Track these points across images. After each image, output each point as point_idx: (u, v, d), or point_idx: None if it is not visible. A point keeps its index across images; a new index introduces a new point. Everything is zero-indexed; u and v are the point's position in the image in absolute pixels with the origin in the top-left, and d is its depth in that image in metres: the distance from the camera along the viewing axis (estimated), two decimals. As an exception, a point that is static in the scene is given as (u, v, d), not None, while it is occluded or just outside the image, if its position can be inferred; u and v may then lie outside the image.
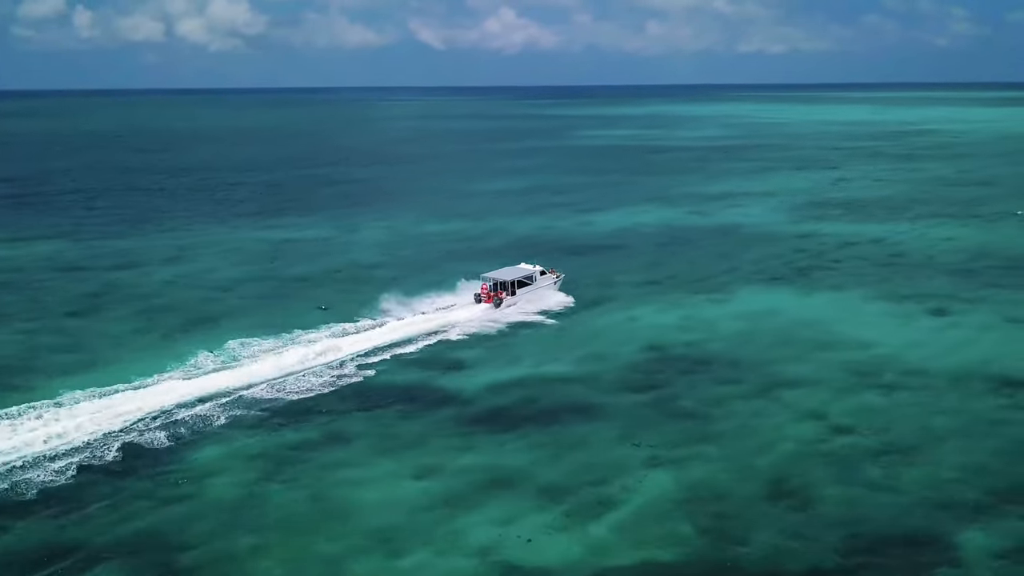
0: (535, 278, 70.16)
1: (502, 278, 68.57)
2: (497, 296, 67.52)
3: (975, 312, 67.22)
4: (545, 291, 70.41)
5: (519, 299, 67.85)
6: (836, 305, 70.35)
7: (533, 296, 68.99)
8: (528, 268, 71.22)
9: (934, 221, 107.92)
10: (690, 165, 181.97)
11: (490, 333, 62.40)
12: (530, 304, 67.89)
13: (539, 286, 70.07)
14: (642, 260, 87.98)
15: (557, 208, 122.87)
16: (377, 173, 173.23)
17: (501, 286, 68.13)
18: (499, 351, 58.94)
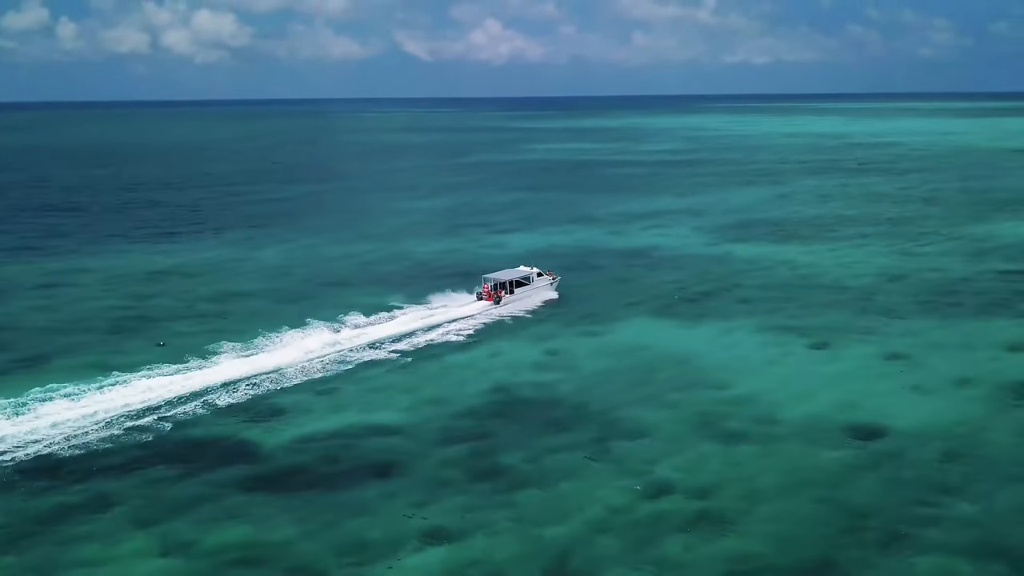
0: (532, 279, 76.87)
1: (502, 278, 75.32)
2: (497, 294, 73.86)
3: (857, 347, 63.07)
4: (541, 291, 77.27)
5: (516, 297, 74.42)
6: (715, 338, 66.13)
7: (529, 294, 75.48)
8: (526, 270, 78.16)
9: (856, 242, 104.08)
10: (634, 181, 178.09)
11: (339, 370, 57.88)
12: (526, 302, 74.51)
13: (536, 286, 76.73)
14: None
15: (474, 228, 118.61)
16: (308, 190, 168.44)
17: (501, 286, 74.61)
18: (330, 395, 54.45)
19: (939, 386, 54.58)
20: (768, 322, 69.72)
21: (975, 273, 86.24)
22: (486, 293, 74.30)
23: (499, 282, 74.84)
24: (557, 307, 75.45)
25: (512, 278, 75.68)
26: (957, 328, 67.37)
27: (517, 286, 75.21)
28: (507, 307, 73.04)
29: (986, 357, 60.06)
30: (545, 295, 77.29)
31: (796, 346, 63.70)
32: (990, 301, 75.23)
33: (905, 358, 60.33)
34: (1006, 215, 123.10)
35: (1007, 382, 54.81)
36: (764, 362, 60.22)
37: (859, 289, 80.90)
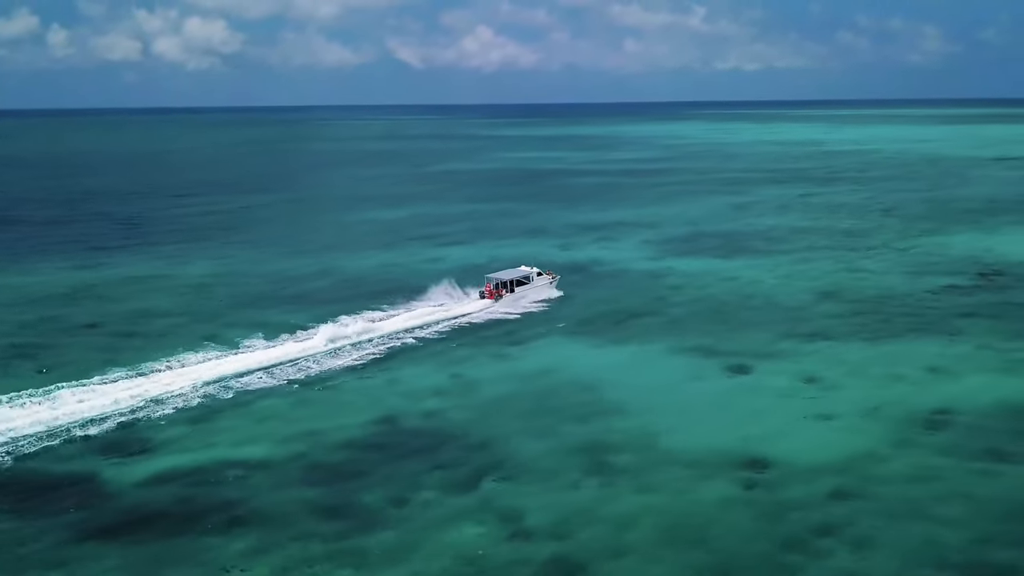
0: (532, 278, 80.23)
1: (503, 278, 78.81)
2: (498, 293, 77.55)
3: (774, 371, 60.45)
4: (541, 289, 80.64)
5: (517, 296, 78.01)
6: (630, 361, 63.55)
7: (530, 293, 79.13)
8: (527, 270, 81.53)
9: (802, 256, 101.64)
10: (598, 192, 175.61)
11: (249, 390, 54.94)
12: (526, 300, 78.17)
13: (535, 285, 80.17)
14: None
15: (417, 242, 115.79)
16: (259, 201, 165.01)
17: (502, 284, 78.11)
18: (207, 426, 51.56)
19: (846, 415, 51.98)
20: (689, 343, 67.07)
21: (916, 289, 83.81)
22: (488, 292, 78.16)
23: (500, 281, 78.51)
24: (474, 327, 72.58)
25: (513, 277, 79.42)
26: (882, 350, 64.82)
27: (517, 285, 79.02)
28: (508, 305, 76.65)
29: (903, 383, 57.51)
30: (545, 294, 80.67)
31: (710, 370, 61.06)
32: (924, 320, 72.74)
33: (820, 383, 57.78)
34: (962, 226, 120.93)
35: (917, 411, 52.22)
36: (671, 388, 57.62)
37: (792, 307, 78.38)
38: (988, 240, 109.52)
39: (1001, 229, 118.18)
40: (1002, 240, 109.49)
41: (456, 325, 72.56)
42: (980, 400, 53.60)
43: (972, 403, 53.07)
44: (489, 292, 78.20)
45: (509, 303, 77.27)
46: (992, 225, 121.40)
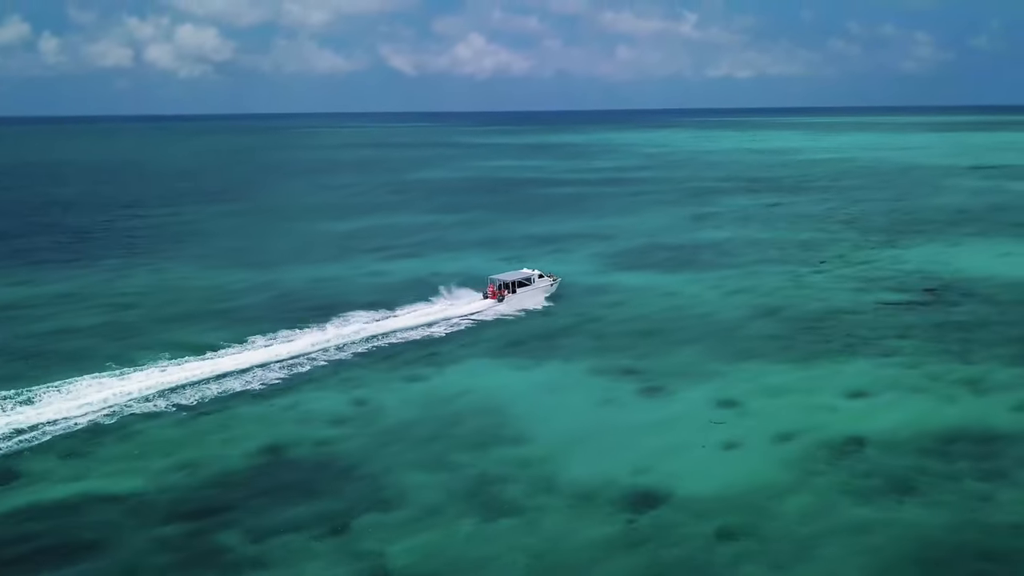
0: (533, 280, 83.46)
1: (506, 279, 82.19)
2: (501, 293, 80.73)
3: (691, 393, 58.23)
4: (541, 291, 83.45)
5: (518, 297, 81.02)
6: (545, 383, 61.25)
7: (530, 294, 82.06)
8: (528, 272, 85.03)
9: (751, 269, 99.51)
10: (565, 201, 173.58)
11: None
12: (527, 300, 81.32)
13: (536, 287, 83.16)
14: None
15: (367, 254, 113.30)
16: (217, 211, 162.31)
17: (505, 285, 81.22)
18: (82, 456, 48.97)
19: (753, 445, 49.67)
20: (613, 364, 64.74)
21: (859, 305, 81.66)
22: (491, 292, 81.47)
23: (503, 283, 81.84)
24: (396, 345, 70.11)
25: (515, 279, 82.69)
26: (810, 372, 62.59)
27: (519, 286, 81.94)
28: (509, 305, 79.91)
29: (822, 409, 55.21)
30: (545, 295, 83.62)
31: (626, 394, 58.74)
32: (860, 339, 70.53)
33: (736, 408, 55.49)
34: (921, 238, 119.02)
35: (829, 441, 49.93)
36: (581, 414, 55.23)
37: (729, 325, 76.15)
38: (944, 253, 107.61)
39: (960, 241, 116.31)
40: (958, 253, 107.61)
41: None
42: (897, 428, 51.38)
43: (888, 431, 50.85)
44: (492, 293, 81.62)
45: (511, 303, 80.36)
46: (952, 237, 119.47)
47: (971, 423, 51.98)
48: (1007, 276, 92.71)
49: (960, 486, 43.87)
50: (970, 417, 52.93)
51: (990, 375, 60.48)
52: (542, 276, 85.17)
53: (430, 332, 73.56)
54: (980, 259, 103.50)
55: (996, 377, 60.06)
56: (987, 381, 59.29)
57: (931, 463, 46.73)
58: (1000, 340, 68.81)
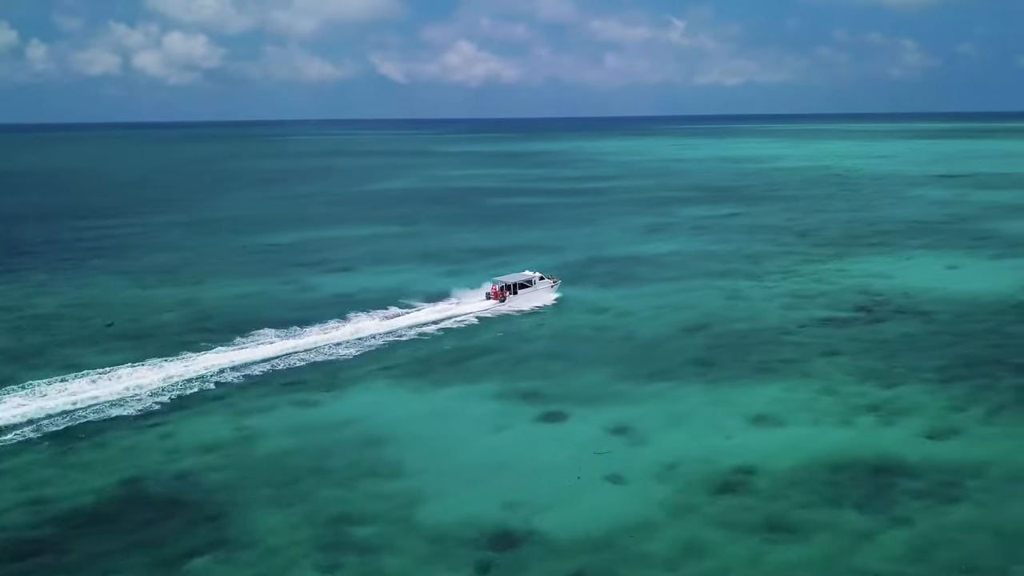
0: (534, 282, 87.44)
1: (508, 281, 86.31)
2: (503, 294, 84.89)
3: (590, 419, 55.73)
4: (542, 292, 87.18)
5: (519, 297, 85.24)
6: (438, 411, 58.56)
7: (531, 295, 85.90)
8: (530, 274, 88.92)
9: (691, 283, 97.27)
10: (521, 212, 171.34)
11: None
12: (527, 301, 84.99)
13: (537, 288, 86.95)
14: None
15: (300, 268, 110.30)
16: (158, 223, 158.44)
17: (507, 287, 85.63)
18: None
19: (637, 476, 47.14)
20: (516, 387, 62.18)
21: (788, 322, 79.39)
22: (494, 293, 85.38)
23: (506, 284, 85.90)
24: (301, 367, 67.31)
25: (517, 281, 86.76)
26: (719, 394, 60.20)
27: (520, 288, 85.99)
28: (512, 305, 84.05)
29: (720, 434, 52.80)
30: (545, 296, 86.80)
31: (520, 420, 56.16)
32: (779, 359, 68.21)
33: (630, 435, 53.04)
34: (869, 250, 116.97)
35: (718, 471, 47.45)
36: (465, 443, 52.60)
37: (650, 342, 73.80)
38: (891, 266, 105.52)
39: (910, 254, 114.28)
40: (905, 266, 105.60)
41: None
42: (791, 459, 48.88)
43: (780, 462, 48.37)
44: (495, 293, 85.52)
45: (512, 303, 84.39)
46: (902, 249, 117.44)
47: (870, 453, 49.53)
48: (947, 291, 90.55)
49: (840, 524, 41.38)
50: (871, 447, 50.49)
51: (903, 399, 58.12)
52: (543, 278, 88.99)
53: (340, 353, 70.89)
54: (925, 272, 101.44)
55: (909, 402, 57.69)
56: (899, 406, 56.91)
57: (816, 498, 44.22)
58: (923, 361, 66.52)
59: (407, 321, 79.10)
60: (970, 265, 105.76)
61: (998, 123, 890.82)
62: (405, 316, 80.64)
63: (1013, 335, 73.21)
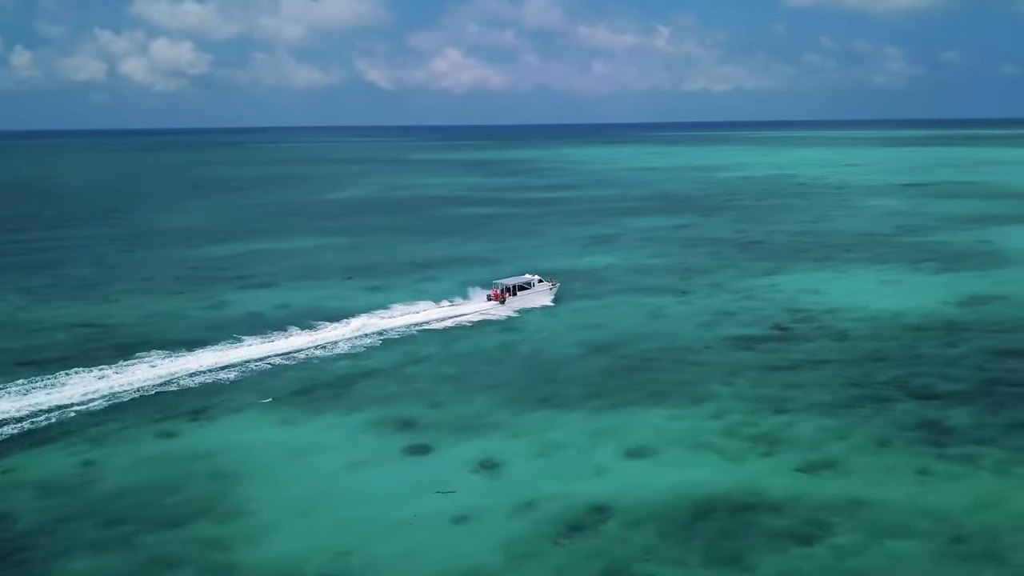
0: (534, 284, 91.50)
1: (508, 283, 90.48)
2: (503, 296, 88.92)
3: (459, 451, 53.02)
4: (542, 294, 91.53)
5: (519, 299, 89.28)
6: (302, 443, 55.52)
7: (531, 297, 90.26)
8: (529, 277, 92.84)
9: (614, 300, 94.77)
10: (471, 223, 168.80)
11: None
12: (527, 302, 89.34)
13: (536, 290, 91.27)
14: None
15: (221, 283, 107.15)
16: (92, 235, 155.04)
17: (507, 289, 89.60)
18: None
19: (487, 515, 44.53)
20: (393, 415, 59.36)
21: (700, 341, 77.06)
22: (495, 295, 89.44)
23: (506, 286, 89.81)
24: (175, 393, 64.25)
25: (517, 283, 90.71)
26: (602, 421, 57.57)
27: (520, 290, 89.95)
28: (511, 306, 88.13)
29: (589, 468, 50.19)
30: (545, 298, 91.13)
31: (384, 453, 53.35)
32: (677, 381, 65.71)
33: (495, 468, 50.38)
34: (810, 263, 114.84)
35: (573, 510, 44.86)
36: (317, 480, 49.73)
37: (550, 363, 71.21)
38: (825, 281, 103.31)
39: (848, 268, 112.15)
40: (839, 281, 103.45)
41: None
42: (656, 495, 46.36)
43: (644, 500, 45.86)
44: (496, 295, 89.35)
45: (513, 304, 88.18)
46: (840, 264, 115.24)
47: (737, 489, 46.90)
48: (873, 308, 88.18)
49: (679, 574, 38.63)
50: (740, 482, 47.86)
51: (790, 428, 55.56)
52: (541, 280, 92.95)
53: (222, 377, 67.93)
54: (857, 288, 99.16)
55: (795, 431, 55.13)
56: (783, 436, 54.36)
57: (670, 541, 41.60)
58: (823, 385, 64.04)
59: (332, 335, 78.31)
60: (905, 280, 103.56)
61: (981, 130, 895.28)
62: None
63: (925, 357, 70.78)
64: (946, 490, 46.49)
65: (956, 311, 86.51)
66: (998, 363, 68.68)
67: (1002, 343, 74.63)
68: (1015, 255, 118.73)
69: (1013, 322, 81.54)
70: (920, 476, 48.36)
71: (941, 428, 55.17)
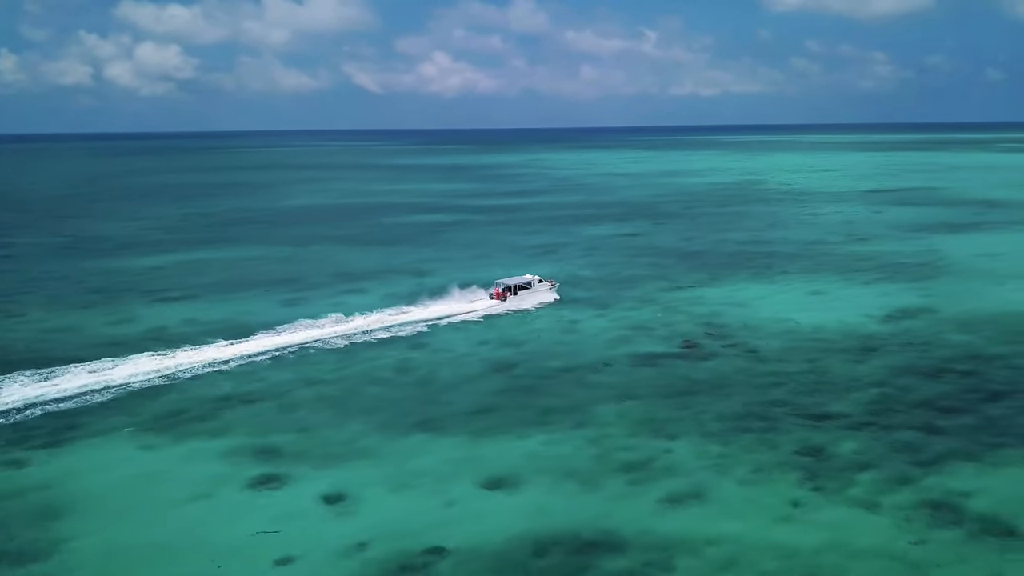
0: (534, 284, 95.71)
1: (509, 283, 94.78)
2: (504, 295, 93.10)
3: (312, 482, 50.31)
4: (542, 294, 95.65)
5: (519, 298, 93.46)
6: (153, 470, 52.95)
7: (530, 296, 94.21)
8: (530, 277, 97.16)
9: (536, 314, 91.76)
10: (417, 231, 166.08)
11: None
12: (527, 301, 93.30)
13: (536, 290, 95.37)
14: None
15: (126, 296, 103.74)
16: (26, 244, 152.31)
17: (508, 288, 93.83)
18: None
19: (313, 558, 41.99)
20: (257, 442, 56.61)
21: (603, 359, 74.47)
22: (496, 294, 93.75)
23: (507, 286, 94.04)
24: (42, 416, 61.29)
25: (517, 283, 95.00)
26: (469, 450, 55.15)
27: (520, 289, 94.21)
28: (511, 304, 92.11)
29: (438, 503, 47.69)
30: (544, 298, 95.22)
31: (236, 484, 50.64)
32: (567, 403, 63.28)
33: (344, 502, 47.89)
34: (745, 275, 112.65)
35: (407, 550, 42.43)
36: (154, 513, 47.04)
37: (443, 384, 68.76)
38: (752, 293, 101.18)
39: (781, 279, 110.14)
40: (766, 294, 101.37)
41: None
42: (501, 532, 44.06)
43: (486, 537, 43.55)
44: (497, 294, 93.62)
45: (513, 303, 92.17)
46: (777, 274, 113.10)
47: (591, 524, 44.51)
48: (793, 322, 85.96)
49: (493, 622, 36.03)
50: (598, 516, 45.45)
51: (668, 456, 53.16)
52: (541, 281, 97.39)
53: (96, 398, 65.10)
54: (785, 301, 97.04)
55: (673, 458, 52.71)
56: (659, 464, 51.96)
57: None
58: (720, 407, 61.70)
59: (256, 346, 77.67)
60: (836, 292, 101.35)
61: (963, 134, 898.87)
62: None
63: (829, 376, 68.46)
64: (806, 525, 44.08)
65: (876, 326, 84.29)
66: (901, 382, 66.44)
67: (911, 360, 72.39)
68: (955, 266, 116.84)
69: (930, 337, 79.36)
70: (786, 509, 45.95)
71: (823, 455, 52.80)
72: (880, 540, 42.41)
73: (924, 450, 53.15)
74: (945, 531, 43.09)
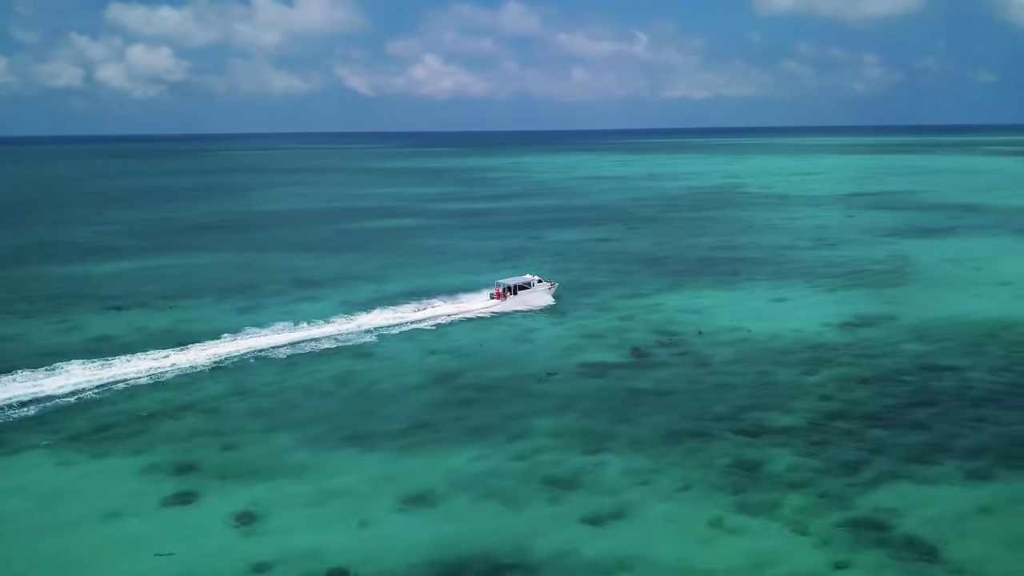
0: (533, 284, 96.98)
1: (509, 283, 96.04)
2: (504, 295, 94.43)
3: (229, 500, 48.80)
4: (541, 294, 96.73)
5: (519, 298, 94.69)
6: (71, 487, 51.52)
7: (530, 296, 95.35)
8: (530, 277, 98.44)
9: (487, 322, 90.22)
10: (383, 237, 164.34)
11: None
12: (526, 301, 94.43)
13: (535, 290, 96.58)
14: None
15: (77, 303, 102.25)
16: None
17: (508, 288, 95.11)
18: None
19: None
20: (181, 458, 55.11)
21: (551, 368, 73.03)
22: (496, 293, 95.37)
23: (507, 286, 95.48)
24: None
25: (517, 283, 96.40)
26: (394, 466, 53.77)
27: (520, 289, 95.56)
28: (511, 304, 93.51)
29: (351, 524, 46.33)
30: (543, 297, 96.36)
31: (148, 502, 49.20)
32: (501, 416, 62.03)
33: (254, 522, 46.36)
34: (707, 281, 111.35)
35: (313, 572, 40.54)
36: (64, 530, 45.71)
37: (384, 395, 67.44)
38: (710, 300, 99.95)
39: (743, 286, 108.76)
40: (728, 300, 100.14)
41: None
42: (407, 553, 42.48)
43: (391, 558, 42.03)
44: (497, 294, 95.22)
45: (513, 303, 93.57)
46: (740, 280, 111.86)
47: (506, 546, 43.24)
48: (749, 330, 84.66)
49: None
50: (515, 536, 44.14)
51: (599, 471, 51.84)
52: (541, 281, 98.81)
53: (25, 411, 63.44)
54: (743, 308, 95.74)
55: (603, 474, 51.41)
56: (585, 481, 50.62)
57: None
58: (658, 419, 60.45)
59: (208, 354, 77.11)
60: (796, 299, 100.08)
61: (952, 136, 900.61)
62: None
63: (776, 387, 67.09)
64: (724, 548, 42.68)
65: (832, 334, 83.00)
66: (847, 395, 65.06)
67: (862, 370, 71.10)
68: (921, 272, 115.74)
69: (884, 347, 78.04)
70: (706, 529, 44.54)
71: (756, 472, 51.41)
72: (800, 564, 41.04)
73: (860, 467, 51.75)
74: (867, 553, 41.68)
